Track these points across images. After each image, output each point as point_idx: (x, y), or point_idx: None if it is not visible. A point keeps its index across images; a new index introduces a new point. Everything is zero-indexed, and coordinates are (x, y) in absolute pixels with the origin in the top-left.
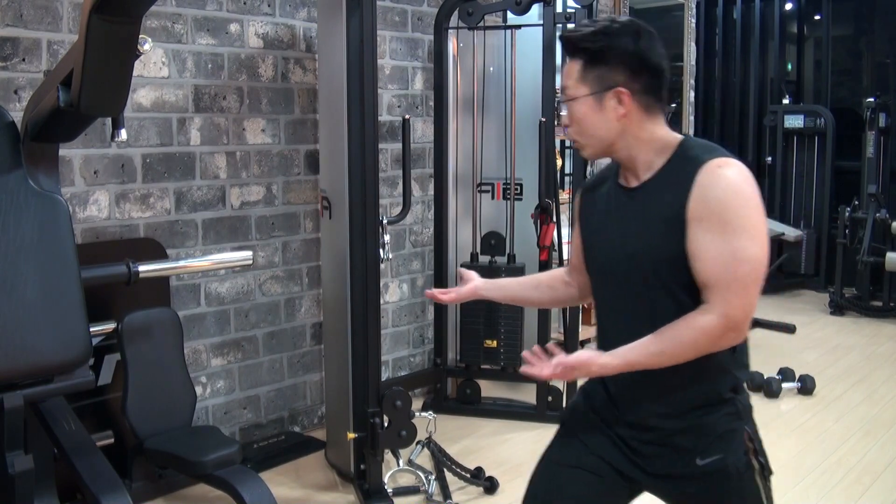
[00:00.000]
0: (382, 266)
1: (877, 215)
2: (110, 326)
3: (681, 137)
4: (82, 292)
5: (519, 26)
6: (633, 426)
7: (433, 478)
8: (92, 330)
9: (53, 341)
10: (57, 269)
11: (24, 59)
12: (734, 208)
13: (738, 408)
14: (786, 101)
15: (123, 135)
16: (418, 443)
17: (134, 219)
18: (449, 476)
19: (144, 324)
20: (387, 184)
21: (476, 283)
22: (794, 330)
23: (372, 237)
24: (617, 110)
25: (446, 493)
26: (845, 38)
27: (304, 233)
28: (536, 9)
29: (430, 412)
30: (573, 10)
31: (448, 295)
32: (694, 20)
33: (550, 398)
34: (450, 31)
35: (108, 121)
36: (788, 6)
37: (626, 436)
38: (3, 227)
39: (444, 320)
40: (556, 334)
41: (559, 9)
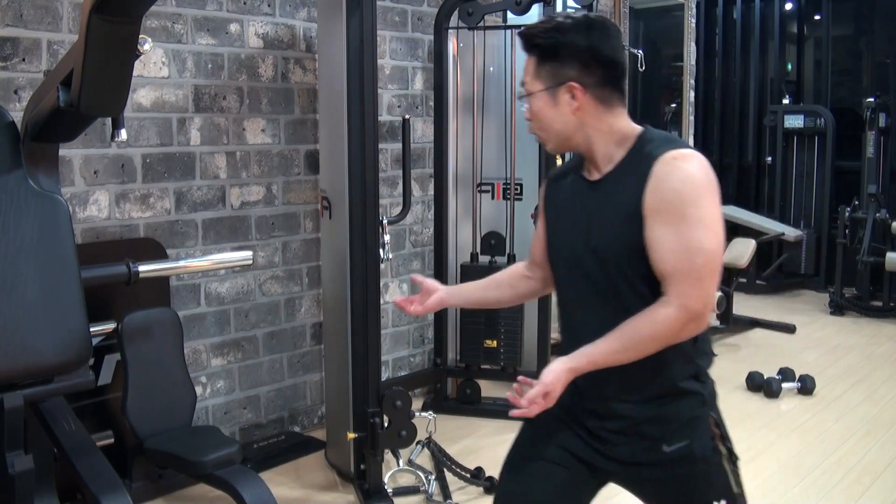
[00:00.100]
0: (382, 266)
1: (877, 215)
2: (110, 326)
3: (640, 129)
4: (82, 292)
5: (519, 26)
6: (598, 416)
7: (433, 478)
8: (92, 330)
9: (53, 341)
10: (57, 269)
11: (24, 59)
12: (689, 200)
13: (703, 395)
14: (786, 101)
15: (123, 135)
16: (418, 443)
17: (134, 219)
18: (449, 476)
19: (144, 324)
20: (387, 184)
21: (440, 293)
22: (794, 330)
23: (372, 237)
24: (571, 104)
25: (446, 493)
26: (845, 38)
27: (304, 233)
28: (536, 9)
29: (430, 412)
30: (573, 10)
31: (414, 307)
32: (694, 20)
33: None
34: (450, 31)
35: (108, 121)
36: (788, 6)
37: (592, 426)
38: (3, 227)
39: (444, 320)
40: (556, 334)
41: (559, 9)
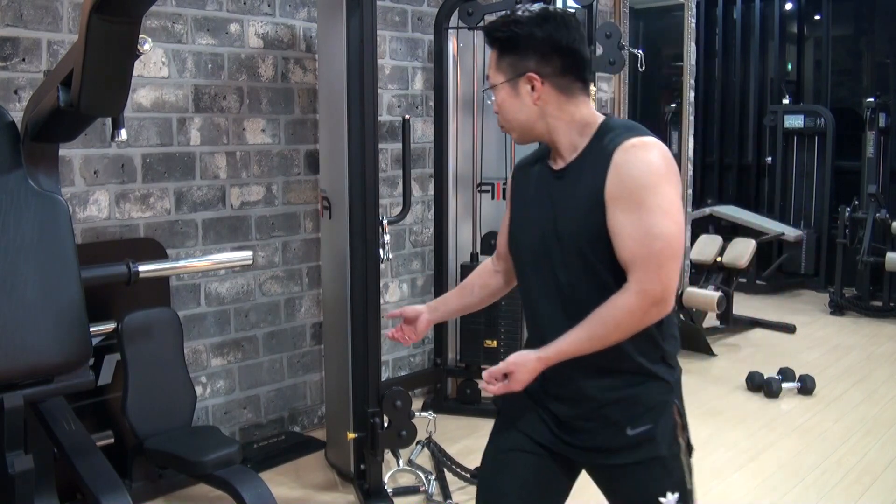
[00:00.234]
0: (382, 266)
1: (877, 215)
2: (110, 326)
3: (603, 118)
4: (82, 292)
5: None
6: (563, 401)
7: (433, 478)
8: (92, 330)
9: (53, 341)
10: (57, 269)
11: (24, 59)
12: (647, 186)
13: (669, 381)
14: (786, 101)
15: (123, 135)
16: (418, 443)
17: (134, 219)
18: (449, 476)
19: (144, 324)
20: (387, 184)
21: (424, 315)
22: (794, 330)
23: (372, 237)
24: (531, 95)
25: (446, 493)
26: (845, 38)
27: (304, 233)
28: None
29: (430, 412)
30: (573, 10)
31: (409, 337)
32: (694, 20)
33: None
34: (450, 31)
35: (108, 121)
36: (788, 6)
37: (558, 411)
38: (3, 227)
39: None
40: None
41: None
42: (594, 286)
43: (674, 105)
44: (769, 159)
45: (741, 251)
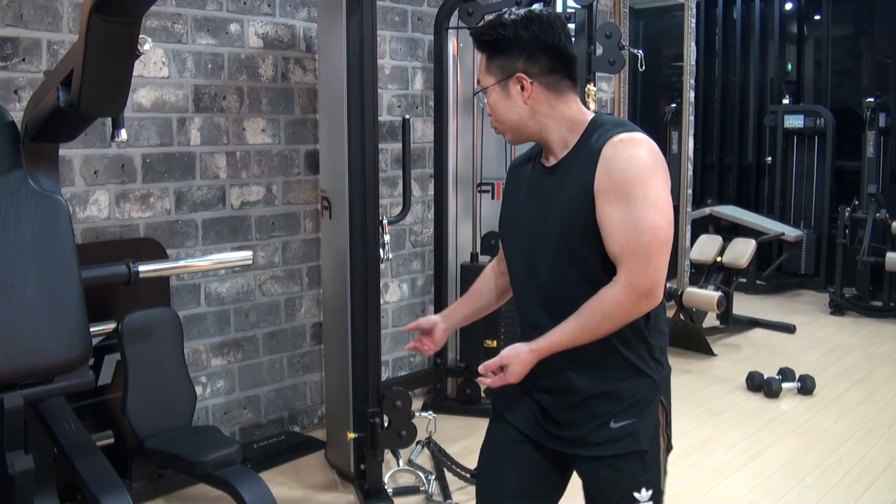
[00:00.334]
0: (382, 266)
1: (877, 215)
2: (110, 326)
3: (592, 115)
4: (82, 292)
5: None
6: (551, 392)
7: (433, 478)
8: (92, 330)
9: (53, 341)
10: (57, 269)
11: (24, 59)
12: (635, 180)
13: (655, 378)
14: (786, 101)
15: (123, 135)
16: (418, 443)
17: (134, 219)
18: (449, 476)
19: (144, 324)
20: (387, 184)
21: (440, 325)
22: (794, 330)
23: (372, 237)
24: (521, 94)
25: (446, 493)
26: (845, 38)
27: (304, 233)
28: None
29: (430, 412)
30: (573, 10)
31: (428, 347)
32: (694, 20)
33: None
34: (450, 31)
35: (108, 121)
36: (788, 6)
37: (545, 403)
38: (3, 227)
39: None
40: None
41: (559, 9)
42: (584, 279)
43: (674, 105)
44: (769, 159)
45: (741, 251)
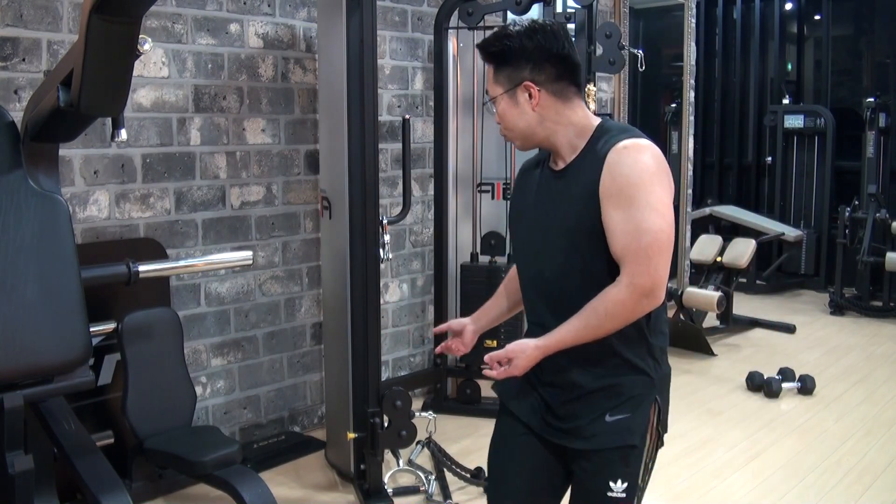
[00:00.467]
0: (382, 266)
1: (877, 215)
2: (110, 326)
3: (599, 120)
4: (82, 292)
5: None
6: (554, 387)
7: (433, 478)
8: (92, 330)
9: (53, 341)
10: (57, 269)
11: (24, 59)
12: (638, 185)
13: (653, 376)
14: (786, 101)
15: (123, 135)
16: (418, 443)
17: (134, 219)
18: (449, 476)
19: (144, 324)
20: (387, 184)
21: (470, 326)
22: (794, 330)
23: (372, 237)
24: (529, 102)
25: (446, 493)
26: (845, 38)
27: (304, 233)
28: (536, 9)
29: (430, 412)
30: (573, 10)
31: (459, 348)
32: (694, 20)
33: None
34: (450, 31)
35: (108, 121)
36: (788, 6)
37: (548, 397)
38: (3, 227)
39: (444, 320)
40: None
41: (559, 9)
42: (588, 280)
43: (674, 105)
44: (769, 159)
45: (741, 251)
